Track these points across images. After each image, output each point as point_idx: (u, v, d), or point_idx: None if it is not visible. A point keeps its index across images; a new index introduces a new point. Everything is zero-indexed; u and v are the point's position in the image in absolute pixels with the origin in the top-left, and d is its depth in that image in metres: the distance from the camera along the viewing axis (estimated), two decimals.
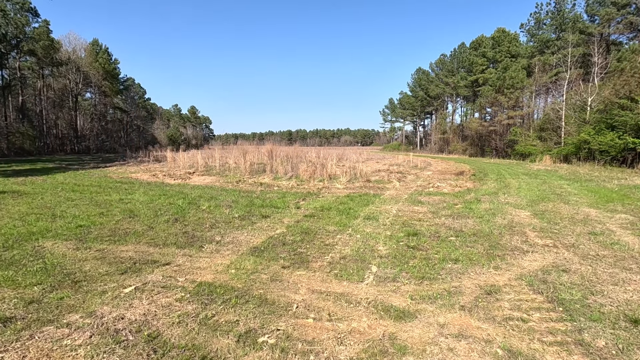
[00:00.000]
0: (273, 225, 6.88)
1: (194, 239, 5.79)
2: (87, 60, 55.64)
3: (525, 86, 41.92)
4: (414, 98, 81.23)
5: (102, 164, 25.16)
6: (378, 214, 7.96)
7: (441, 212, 8.26)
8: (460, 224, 7.04)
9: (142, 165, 22.64)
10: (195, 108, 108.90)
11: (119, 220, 7.03)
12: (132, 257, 4.87)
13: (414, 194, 11.35)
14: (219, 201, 9.35)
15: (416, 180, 15.97)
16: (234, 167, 18.71)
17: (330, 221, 7.19)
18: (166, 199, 9.53)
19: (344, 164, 26.18)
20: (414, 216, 7.79)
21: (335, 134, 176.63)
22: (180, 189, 11.72)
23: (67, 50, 53.10)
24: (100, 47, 59.85)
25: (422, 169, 23.21)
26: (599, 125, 28.33)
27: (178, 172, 17.94)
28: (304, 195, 10.74)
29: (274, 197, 10.26)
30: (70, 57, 52.57)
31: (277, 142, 45.68)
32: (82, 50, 56.90)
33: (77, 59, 53.97)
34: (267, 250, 5.27)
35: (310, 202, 9.43)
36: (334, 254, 5.12)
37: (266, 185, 13.11)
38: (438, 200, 9.96)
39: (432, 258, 4.95)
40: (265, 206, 8.74)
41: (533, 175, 18.09)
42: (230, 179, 15.06)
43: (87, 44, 57.70)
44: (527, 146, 39.62)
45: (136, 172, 18.12)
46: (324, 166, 17.11)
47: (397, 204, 9.34)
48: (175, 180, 14.94)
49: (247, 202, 9.27)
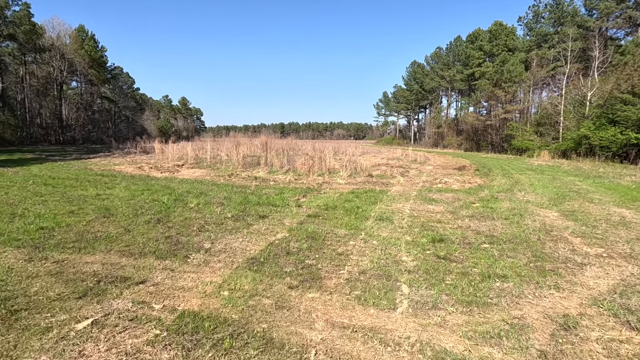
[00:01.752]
0: (272, 227, 5.88)
1: (178, 246, 4.77)
2: (72, 47, 53.34)
3: (523, 80, 41.28)
4: (408, 92, 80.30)
5: (85, 155, 23.76)
6: (391, 213, 7.02)
7: (460, 211, 7.35)
8: (487, 226, 6.13)
9: (128, 156, 21.34)
10: (186, 99, 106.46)
11: (91, 221, 5.97)
12: (97, 272, 3.84)
13: (423, 190, 10.44)
14: (210, 198, 8.30)
15: (420, 175, 15.08)
16: (225, 160, 17.60)
17: (339, 223, 6.22)
18: (150, 195, 8.45)
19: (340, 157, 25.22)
20: (432, 217, 6.86)
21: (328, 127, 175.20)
22: (167, 183, 10.62)
23: (51, 36, 50.76)
24: (86, 34, 57.47)
25: (422, 164, 22.37)
26: (599, 120, 27.79)
27: (166, 164, 16.76)
28: (304, 191, 9.74)
29: (271, 193, 9.25)
30: (55, 43, 50.28)
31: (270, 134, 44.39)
32: (66, 36, 54.53)
33: (61, 45, 51.67)
34: (268, 261, 4.28)
35: (312, 200, 8.44)
36: (351, 267, 4.16)
37: (261, 180, 12.07)
38: (451, 198, 9.06)
39: (471, 273, 4.03)
40: (262, 204, 7.73)
41: (538, 171, 17.35)
42: (222, 172, 13.98)
43: (73, 30, 55.29)
44: (524, 141, 39.11)
45: (120, 164, 16.88)
46: (322, 160, 16.12)
47: (408, 202, 8.41)
48: (163, 173, 13.80)
49: (241, 199, 8.24)
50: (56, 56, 51.09)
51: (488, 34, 55.59)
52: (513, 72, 41.07)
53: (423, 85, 73.27)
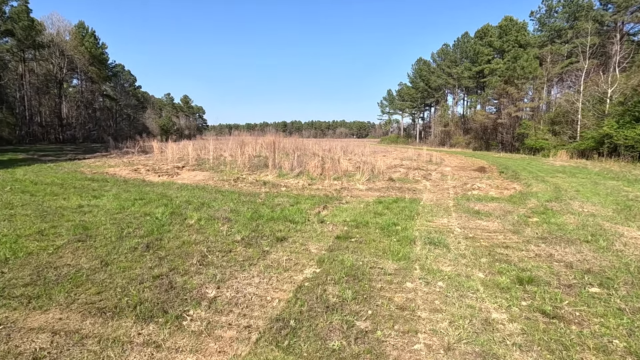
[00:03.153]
0: (296, 257, 4.49)
1: (170, 295, 3.38)
2: (72, 43, 52.15)
3: (537, 77, 39.67)
4: (414, 89, 78.60)
5: (81, 155, 22.44)
6: (439, 234, 5.62)
7: (523, 230, 5.94)
8: (573, 254, 4.73)
9: (125, 157, 19.99)
10: (189, 97, 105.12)
11: (61, 247, 4.60)
12: (38, 354, 2.47)
13: (459, 199, 9.03)
14: (213, 210, 6.92)
15: (444, 178, 13.65)
16: (230, 161, 16.22)
17: (379, 249, 4.83)
18: (142, 207, 7.07)
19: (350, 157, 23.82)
20: (493, 239, 5.46)
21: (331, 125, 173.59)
22: (164, 190, 9.23)
23: (51, 32, 49.54)
24: (86, 31, 56.24)
25: (438, 165, 20.92)
26: (623, 118, 26.26)
27: (165, 166, 15.39)
28: (323, 200, 8.34)
29: (285, 203, 7.85)
30: (54, 39, 49.06)
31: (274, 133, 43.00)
32: (66, 33, 53.32)
33: (61, 42, 50.46)
34: (302, 327, 2.89)
35: (335, 212, 7.05)
36: (427, 337, 2.77)
37: (271, 185, 10.68)
38: (498, 210, 7.65)
39: (612, 349, 2.63)
40: (276, 219, 6.34)
41: (568, 173, 15.85)
42: (227, 175, 12.60)
43: (72, 27, 54.05)
44: (538, 140, 37.57)
45: (116, 165, 15.54)
46: (334, 161, 14.71)
47: (451, 216, 7.00)
48: (160, 176, 12.43)
49: (251, 212, 6.85)
50: (55, 53, 49.94)
51: (498, 29, 53.94)
52: (527, 68, 39.45)
53: (429, 83, 71.61)
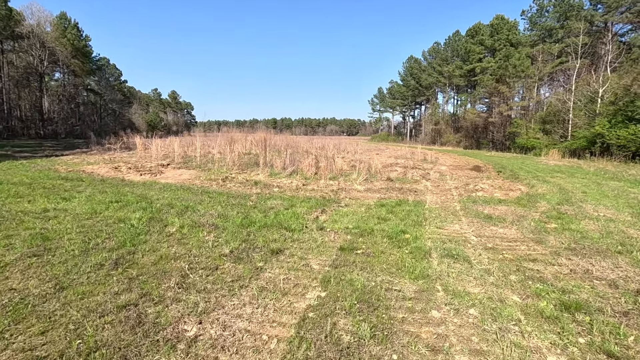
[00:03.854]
0: (295, 276, 3.78)
1: (135, 336, 2.63)
2: (53, 35, 50.11)
3: (529, 75, 39.60)
4: (405, 87, 78.33)
5: (60, 151, 21.22)
6: (454, 244, 4.98)
7: (545, 239, 5.34)
8: (611, 269, 4.13)
9: (107, 154, 18.91)
10: (176, 93, 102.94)
11: (9, 265, 3.79)
12: None
13: (465, 201, 8.42)
14: (198, 215, 6.14)
15: (443, 178, 13.08)
16: (218, 159, 15.36)
17: (391, 263, 4.16)
18: (117, 211, 6.25)
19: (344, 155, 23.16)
20: (515, 249, 4.84)
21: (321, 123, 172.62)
22: (144, 192, 8.38)
23: (30, 23, 47.45)
24: (68, 22, 54.17)
25: (433, 163, 20.41)
26: (615, 117, 26.21)
27: (148, 164, 14.46)
28: (320, 203, 7.63)
29: (278, 206, 7.12)
30: (34, 30, 47.00)
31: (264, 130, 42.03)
32: (47, 23, 51.21)
33: (41, 33, 48.39)
34: None
35: (335, 217, 6.35)
36: None
37: (263, 185, 9.91)
38: (510, 214, 7.06)
39: None
40: (270, 226, 5.61)
41: (567, 173, 15.47)
42: (214, 174, 11.78)
43: (54, 18, 51.95)
44: (529, 139, 37.55)
45: (95, 163, 14.53)
46: (329, 159, 14.01)
47: (461, 221, 6.38)
48: (142, 175, 11.53)
49: (241, 217, 6.09)
50: (36, 45, 47.94)
51: (489, 28, 53.87)
52: (519, 67, 39.35)
53: (420, 81, 71.41)
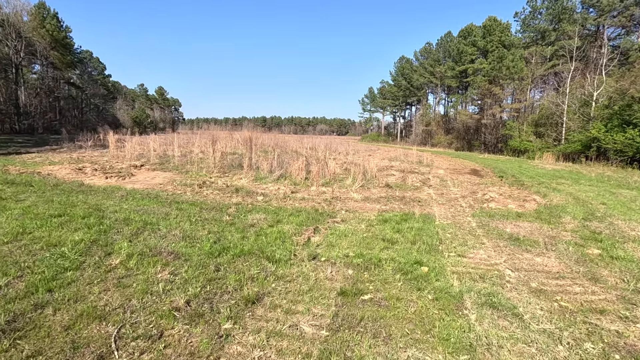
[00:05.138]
0: (277, 350, 2.54)
1: None
2: (30, 25, 47.53)
3: (523, 77, 39.08)
4: (396, 87, 77.56)
5: (27, 148, 19.44)
6: (488, 282, 3.80)
7: (598, 273, 4.22)
8: None
9: (77, 152, 17.26)
10: (164, 89, 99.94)
11: None
12: None
13: (479, 214, 7.29)
14: (157, 237, 4.82)
15: (445, 184, 11.97)
16: (198, 160, 13.96)
17: (409, 319, 2.95)
18: (53, 230, 4.88)
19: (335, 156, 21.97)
20: (569, 292, 3.69)
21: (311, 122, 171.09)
22: (101, 201, 6.99)
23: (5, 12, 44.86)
24: (47, 11, 51.57)
25: (429, 166, 19.37)
26: (611, 121, 25.69)
27: (120, 164, 12.97)
28: (312, 216, 6.38)
29: (261, 222, 5.84)
30: (10, 19, 44.45)
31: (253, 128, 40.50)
32: (24, 12, 48.60)
33: (17, 22, 45.83)
34: None
35: (331, 239, 5.12)
36: None
37: (245, 193, 8.60)
38: (537, 234, 5.94)
39: None
40: (248, 253, 4.34)
41: (571, 179, 14.55)
42: (192, 178, 10.42)
43: (31, 7, 49.36)
44: (522, 142, 37.05)
45: (59, 162, 12.97)
46: (320, 162, 12.74)
47: (483, 244, 5.22)
48: (109, 178, 10.09)
49: (212, 239, 4.80)
50: (11, 34, 45.38)
51: (482, 29, 53.37)
52: (513, 69, 38.76)
53: (411, 82, 70.74)
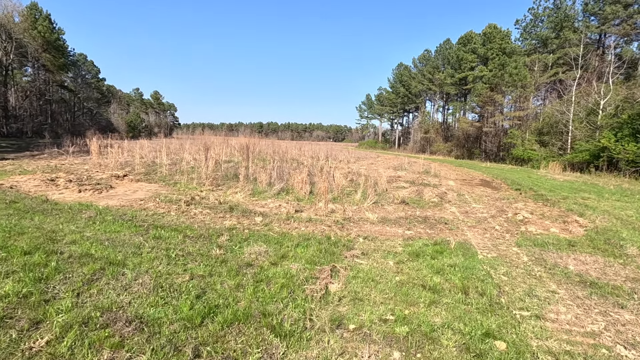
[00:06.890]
0: None
1: None
2: (22, 26, 46.15)
3: (526, 85, 38.23)
4: (394, 94, 76.79)
5: (6, 154, 17.94)
6: None
7: None
8: None
9: (57, 159, 15.81)
10: (159, 93, 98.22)
11: None
12: None
13: (524, 243, 5.99)
14: (117, 290, 3.44)
15: (464, 200, 10.68)
16: (189, 169, 12.59)
17: None
18: None
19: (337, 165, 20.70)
20: None
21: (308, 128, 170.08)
22: (59, 225, 5.58)
23: None
24: (40, 13, 50.18)
25: (438, 177, 18.14)
26: (622, 130, 24.67)
27: (100, 174, 11.56)
28: (325, 249, 5.04)
29: (261, 257, 4.50)
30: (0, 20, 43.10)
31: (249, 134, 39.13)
32: (15, 14, 47.25)
33: (8, 23, 44.45)
34: None
35: (355, 287, 3.78)
36: None
37: (241, 212, 7.25)
38: (612, 274, 4.66)
39: None
40: (243, 319, 2.99)
41: (595, 193, 13.30)
42: (180, 191, 9.06)
43: (23, 8, 48.01)
44: (526, 151, 36.02)
45: (32, 171, 11.53)
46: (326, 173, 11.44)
47: (556, 295, 3.93)
48: (83, 192, 8.69)
49: (193, 293, 3.44)
50: (1, 35, 44.01)
51: (482, 36, 52.77)
52: (517, 76, 37.89)
53: (410, 89, 69.99)
